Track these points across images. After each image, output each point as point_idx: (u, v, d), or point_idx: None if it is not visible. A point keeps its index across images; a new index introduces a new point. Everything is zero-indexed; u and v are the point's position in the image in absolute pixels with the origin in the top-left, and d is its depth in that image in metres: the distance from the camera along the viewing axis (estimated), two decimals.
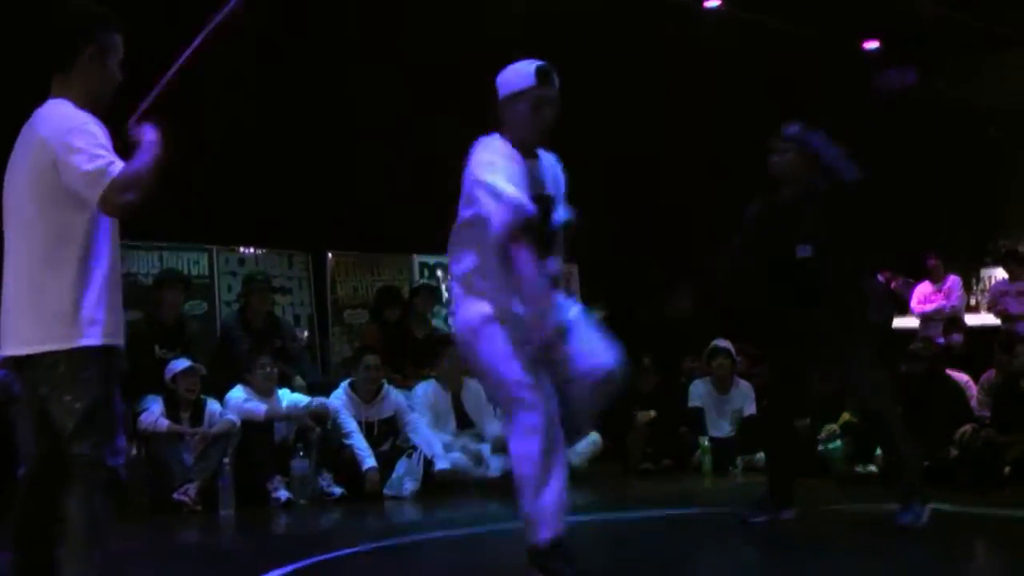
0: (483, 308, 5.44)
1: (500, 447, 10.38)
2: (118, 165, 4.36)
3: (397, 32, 12.68)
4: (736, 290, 7.92)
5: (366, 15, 12.56)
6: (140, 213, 4.52)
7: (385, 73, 12.73)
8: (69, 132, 4.38)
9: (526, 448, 5.28)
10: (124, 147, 4.56)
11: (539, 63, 5.51)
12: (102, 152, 4.37)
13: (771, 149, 7.18)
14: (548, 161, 5.73)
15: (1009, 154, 17.26)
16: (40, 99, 4.64)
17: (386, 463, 9.87)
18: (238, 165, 11.53)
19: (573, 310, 5.72)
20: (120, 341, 4.58)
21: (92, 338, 4.45)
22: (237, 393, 9.65)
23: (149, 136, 4.55)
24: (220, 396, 9.66)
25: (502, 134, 5.57)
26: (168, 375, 9.47)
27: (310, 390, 10.25)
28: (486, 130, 5.65)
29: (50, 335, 4.42)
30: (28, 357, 4.48)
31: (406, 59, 12.77)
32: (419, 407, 10.39)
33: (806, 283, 7.05)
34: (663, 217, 15.02)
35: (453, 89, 13.38)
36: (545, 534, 5.29)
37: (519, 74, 5.52)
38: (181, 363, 9.51)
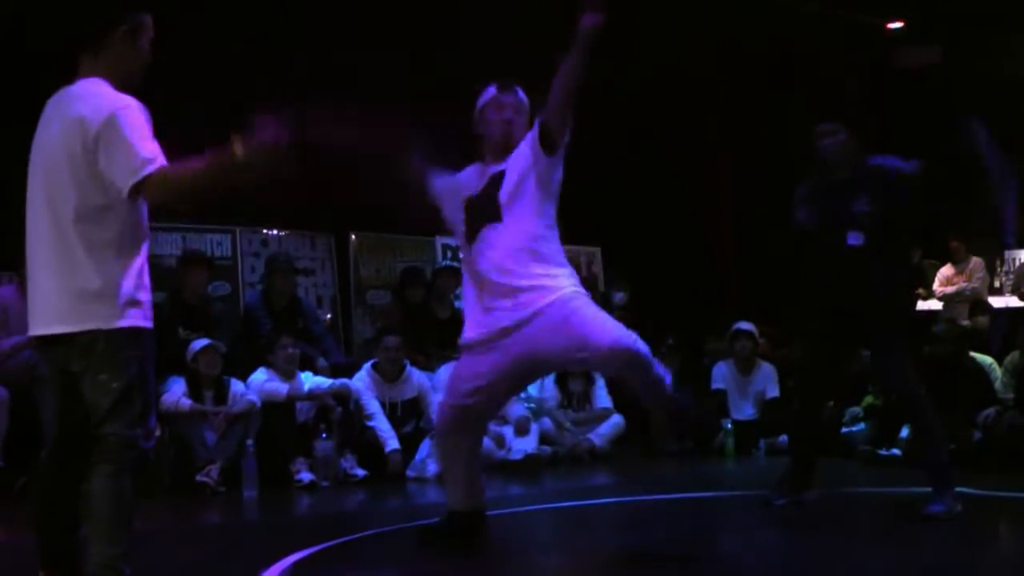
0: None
1: (522, 429, 10.40)
2: (159, 160, 4.37)
3: (423, 14, 12.66)
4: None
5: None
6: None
7: (407, 54, 12.70)
8: (115, 116, 4.36)
9: None
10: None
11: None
12: (146, 142, 4.37)
13: (821, 133, 7.10)
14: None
15: None
16: (56, 79, 4.65)
17: (409, 444, 9.88)
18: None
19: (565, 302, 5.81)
20: (151, 324, 4.59)
21: (132, 319, 4.45)
22: (259, 375, 9.66)
23: (240, 145, 4.50)
24: (243, 377, 9.67)
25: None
26: (188, 355, 9.49)
27: (333, 371, 10.25)
28: None
29: (89, 314, 4.41)
30: (61, 335, 4.47)
31: (426, 40, 12.74)
32: (442, 388, 10.37)
33: (854, 269, 6.98)
34: (687, 200, 15.00)
35: (477, 71, 13.37)
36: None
37: (484, 92, 6.23)
38: (201, 342, 9.52)
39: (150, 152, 4.36)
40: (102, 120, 4.36)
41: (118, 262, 4.44)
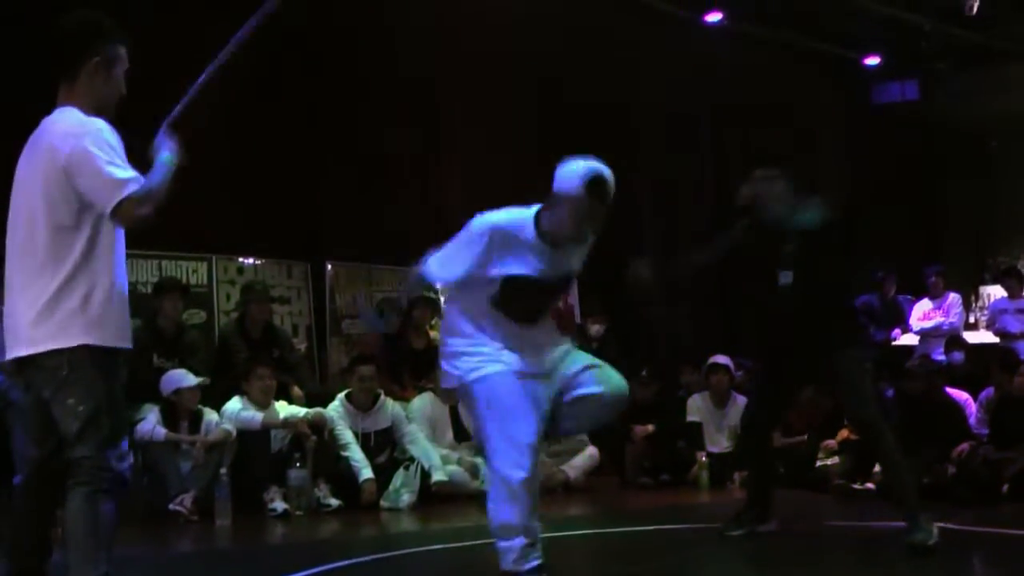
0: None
1: None
2: (138, 178, 4.39)
3: (397, 45, 12.70)
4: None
5: (367, 27, 12.57)
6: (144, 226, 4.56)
7: (386, 84, 12.74)
8: (84, 137, 4.40)
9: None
10: (137, 156, 4.60)
11: (594, 171, 5.57)
12: (119, 162, 4.41)
13: (758, 178, 7.25)
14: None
15: (1008, 170, 17.25)
16: (46, 106, 4.67)
17: (383, 474, 9.85)
18: (238, 174, 11.51)
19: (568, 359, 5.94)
20: (128, 344, 4.59)
21: (97, 339, 4.44)
22: (234, 404, 9.62)
23: (168, 151, 4.63)
24: (218, 406, 9.63)
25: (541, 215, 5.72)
26: (169, 389, 9.43)
27: (308, 400, 10.22)
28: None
29: (53, 335, 4.41)
30: (31, 358, 4.46)
31: (406, 70, 12.78)
32: (416, 419, 10.36)
33: (785, 308, 7.11)
34: (661, 231, 15.02)
35: (455, 101, 13.42)
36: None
37: (572, 175, 5.58)
38: (188, 380, 9.43)
39: (124, 173, 4.40)
40: (71, 146, 4.39)
41: (84, 284, 4.45)
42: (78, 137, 4.41)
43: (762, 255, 7.22)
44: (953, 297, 14.76)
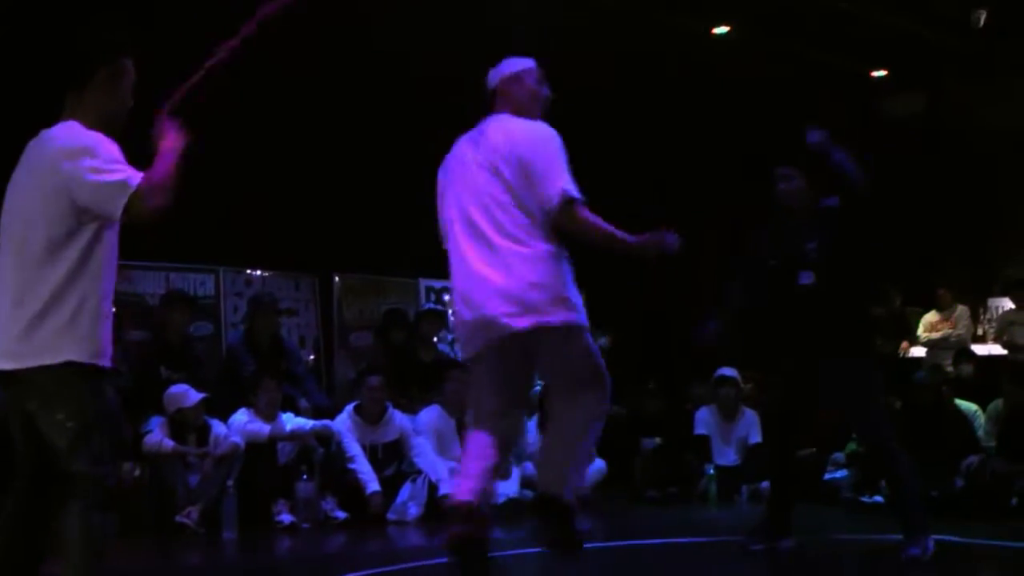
0: None
1: (504, 473, 10.35)
2: (136, 175, 4.39)
3: (405, 54, 12.68)
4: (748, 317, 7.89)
5: (377, 38, 12.56)
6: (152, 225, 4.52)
7: (392, 93, 12.72)
8: (81, 152, 4.40)
9: None
10: (141, 158, 4.58)
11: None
12: (117, 166, 4.40)
13: (776, 178, 7.24)
14: None
15: (1016, 181, 17.19)
16: (47, 117, 4.66)
17: (390, 487, 9.84)
18: (245, 186, 11.52)
19: None
20: (108, 363, 4.56)
21: (85, 355, 4.43)
22: (240, 416, 9.61)
23: (171, 139, 4.60)
24: (225, 418, 9.62)
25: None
26: (171, 408, 9.37)
27: (315, 413, 10.21)
28: None
29: (41, 350, 4.39)
30: (15, 372, 4.45)
31: (414, 79, 12.77)
32: (424, 431, 10.34)
33: (806, 308, 7.08)
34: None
35: (460, 111, 13.41)
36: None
37: (519, 59, 5.97)
38: (189, 399, 9.42)
39: (118, 175, 4.40)
40: (70, 161, 4.37)
41: (77, 299, 4.43)
42: (75, 153, 4.40)
43: (784, 258, 7.21)
44: (961, 309, 14.76)
